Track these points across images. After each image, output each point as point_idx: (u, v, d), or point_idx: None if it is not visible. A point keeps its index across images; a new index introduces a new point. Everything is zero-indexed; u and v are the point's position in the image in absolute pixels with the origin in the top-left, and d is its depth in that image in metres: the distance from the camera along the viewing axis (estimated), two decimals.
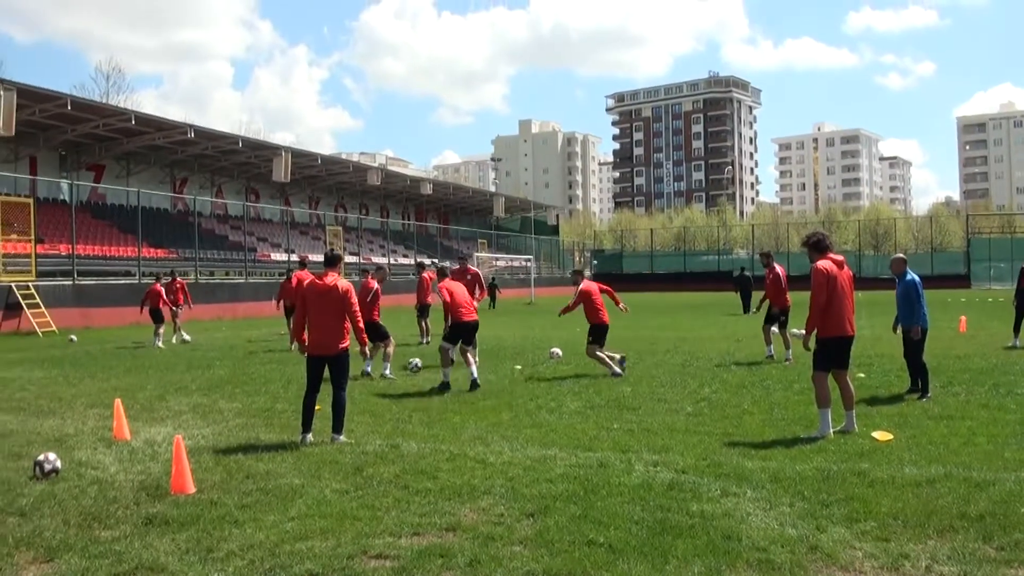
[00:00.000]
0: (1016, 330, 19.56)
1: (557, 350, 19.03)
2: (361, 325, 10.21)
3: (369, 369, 15.72)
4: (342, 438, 9.78)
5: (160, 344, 23.29)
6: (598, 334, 15.84)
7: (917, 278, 13.12)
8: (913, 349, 12.92)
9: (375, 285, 16.53)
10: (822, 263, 10.03)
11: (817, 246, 10.20)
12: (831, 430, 9.61)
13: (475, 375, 14.25)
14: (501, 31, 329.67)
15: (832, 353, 10.04)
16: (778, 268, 18.51)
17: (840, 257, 10.18)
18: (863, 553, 5.82)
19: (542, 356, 18.94)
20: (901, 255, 13.66)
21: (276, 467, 8.53)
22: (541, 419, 11.20)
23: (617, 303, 17.05)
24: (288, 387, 14.47)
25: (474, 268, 20.25)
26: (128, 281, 36.89)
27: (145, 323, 25.72)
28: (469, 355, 14.71)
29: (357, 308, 10.12)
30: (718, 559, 5.68)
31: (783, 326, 17.67)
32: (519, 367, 17.17)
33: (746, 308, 35.62)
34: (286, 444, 9.66)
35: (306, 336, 10.09)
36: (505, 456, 8.90)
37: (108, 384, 15.34)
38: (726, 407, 11.87)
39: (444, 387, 14.02)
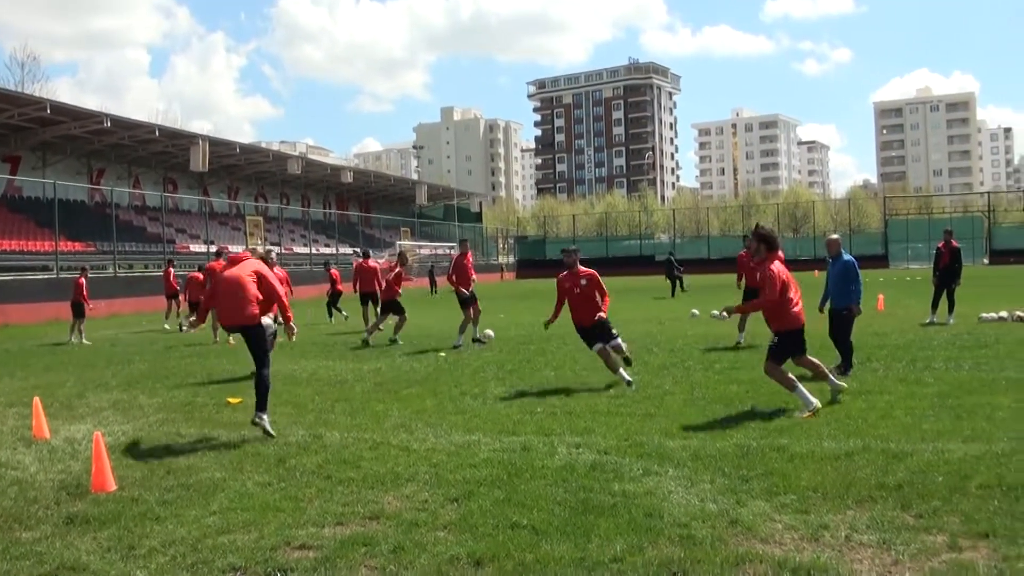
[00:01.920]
0: (934, 307, 20.05)
1: (489, 332, 19.23)
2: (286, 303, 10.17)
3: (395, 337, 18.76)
4: (265, 417, 9.58)
5: (84, 340, 22.88)
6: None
7: (853, 258, 13.38)
8: (843, 327, 13.17)
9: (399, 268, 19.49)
10: (776, 266, 10.35)
11: (770, 243, 10.51)
12: (814, 400, 9.77)
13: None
14: (420, 17, 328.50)
15: (789, 345, 10.35)
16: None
17: (780, 253, 10.51)
18: (783, 525, 5.93)
19: (466, 343, 18.91)
20: (836, 236, 13.82)
21: (197, 461, 8.42)
22: (465, 405, 11.20)
23: None
24: (209, 381, 14.29)
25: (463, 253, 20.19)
26: (45, 276, 36.10)
27: (66, 318, 25.20)
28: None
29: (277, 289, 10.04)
30: (640, 536, 5.74)
31: None
32: (443, 354, 17.15)
33: (673, 291, 36.49)
34: (207, 438, 9.54)
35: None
36: (429, 443, 8.90)
37: (26, 382, 15.00)
38: (648, 388, 11.98)
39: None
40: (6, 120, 42.65)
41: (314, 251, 60.69)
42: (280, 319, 12.71)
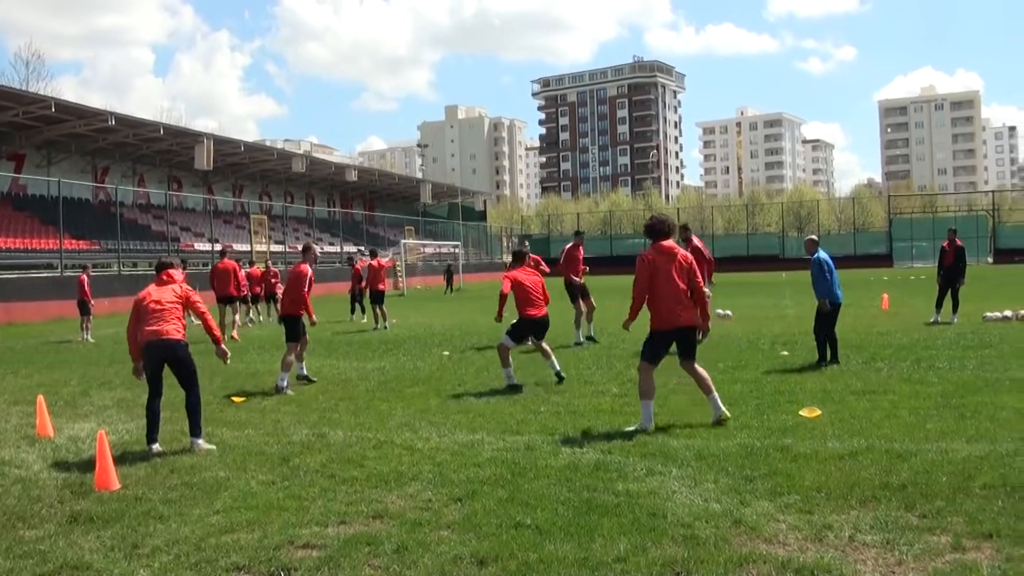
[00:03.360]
0: (938, 306, 20.03)
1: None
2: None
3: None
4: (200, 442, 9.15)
5: (88, 337, 22.90)
6: None
7: (824, 255, 13.74)
8: (824, 321, 13.37)
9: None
10: (646, 252, 9.63)
11: (649, 231, 9.75)
12: (652, 423, 9.21)
13: (557, 367, 13.01)
14: (424, 16, 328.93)
15: (658, 345, 9.61)
16: (696, 241, 17.12)
17: (671, 244, 9.61)
18: (787, 525, 5.93)
19: (470, 342, 18.93)
20: (812, 236, 14.20)
21: (201, 460, 8.43)
22: (469, 404, 11.21)
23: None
24: (213, 379, 14.28)
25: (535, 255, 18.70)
26: (50, 274, 36.12)
27: (70, 316, 25.22)
28: (545, 347, 13.26)
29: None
30: (644, 536, 5.74)
31: None
32: (447, 353, 17.16)
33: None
34: (211, 436, 9.54)
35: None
36: (432, 442, 8.90)
37: (31, 380, 15.03)
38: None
39: (514, 388, 12.33)
40: (11, 118, 42.69)
41: (319, 250, 60.60)
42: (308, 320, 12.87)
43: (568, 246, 18.72)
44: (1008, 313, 20.12)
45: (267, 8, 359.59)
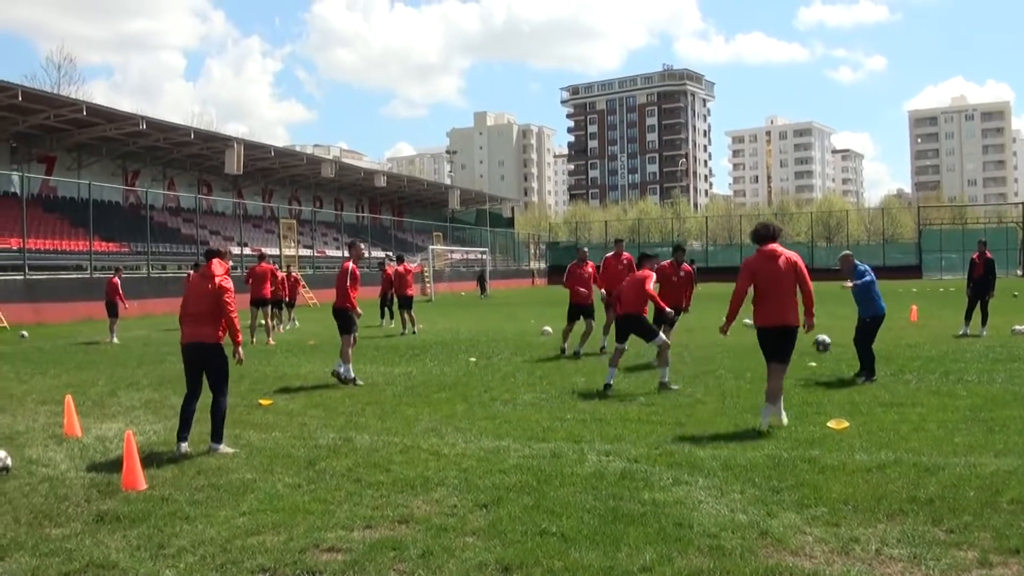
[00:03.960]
0: (967, 319, 19.88)
1: (548, 328, 19.30)
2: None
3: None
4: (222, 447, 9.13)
5: (115, 340, 23.08)
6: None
7: (867, 268, 13.79)
8: (865, 334, 13.33)
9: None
10: (750, 257, 10.18)
11: (755, 236, 10.08)
12: (767, 424, 9.49)
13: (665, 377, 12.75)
14: (454, 23, 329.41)
15: (763, 343, 10.03)
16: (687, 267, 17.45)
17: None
18: (813, 538, 5.89)
19: (496, 348, 18.94)
20: (846, 252, 14.23)
21: (227, 462, 8.47)
22: (495, 410, 11.21)
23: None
24: (241, 381, 14.34)
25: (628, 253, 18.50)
26: (80, 276, 36.42)
27: (99, 317, 25.43)
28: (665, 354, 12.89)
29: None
30: (669, 546, 5.72)
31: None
32: (473, 359, 17.17)
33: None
34: (238, 438, 9.60)
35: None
36: (459, 448, 8.91)
37: (59, 380, 15.15)
38: (679, 396, 11.95)
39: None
40: (42, 121, 43.04)
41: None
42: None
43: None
44: None
45: (297, 14, 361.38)
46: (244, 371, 15.62)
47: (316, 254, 54.70)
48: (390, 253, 39.81)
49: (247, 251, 47.02)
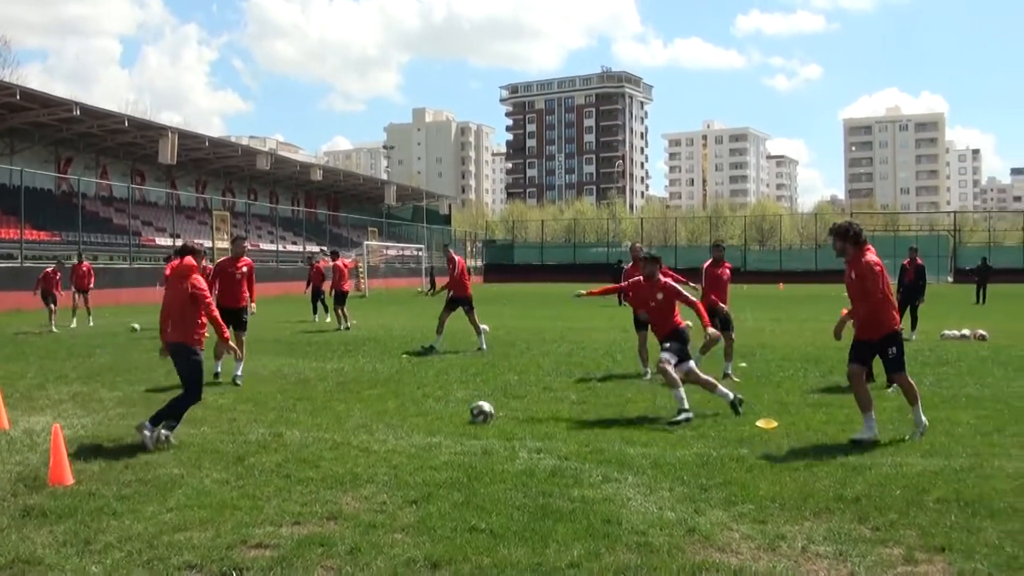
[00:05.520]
0: None
1: (485, 326, 19.15)
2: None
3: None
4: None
5: (53, 328, 23.00)
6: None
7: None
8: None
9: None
10: (876, 257, 9.30)
11: (857, 237, 9.36)
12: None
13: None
14: (393, 18, 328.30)
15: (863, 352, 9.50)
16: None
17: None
18: (740, 535, 5.96)
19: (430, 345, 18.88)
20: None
21: (156, 457, 8.35)
22: (427, 407, 11.18)
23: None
24: (170, 376, 14.13)
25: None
26: (9, 264, 35.72)
27: (29, 308, 25.18)
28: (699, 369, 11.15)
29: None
30: (597, 542, 5.75)
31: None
32: (406, 356, 17.12)
33: (620, 300, 36.82)
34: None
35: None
36: (389, 444, 8.87)
37: None
38: (610, 396, 12.00)
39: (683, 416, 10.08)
40: None
41: (281, 248, 60.33)
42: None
43: (707, 263, 14.83)
44: (966, 332, 20.38)
45: (235, 3, 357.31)
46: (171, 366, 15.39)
47: (250, 247, 54.05)
48: (324, 248, 39.63)
49: (179, 242, 46.33)
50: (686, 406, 10.07)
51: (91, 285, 26.05)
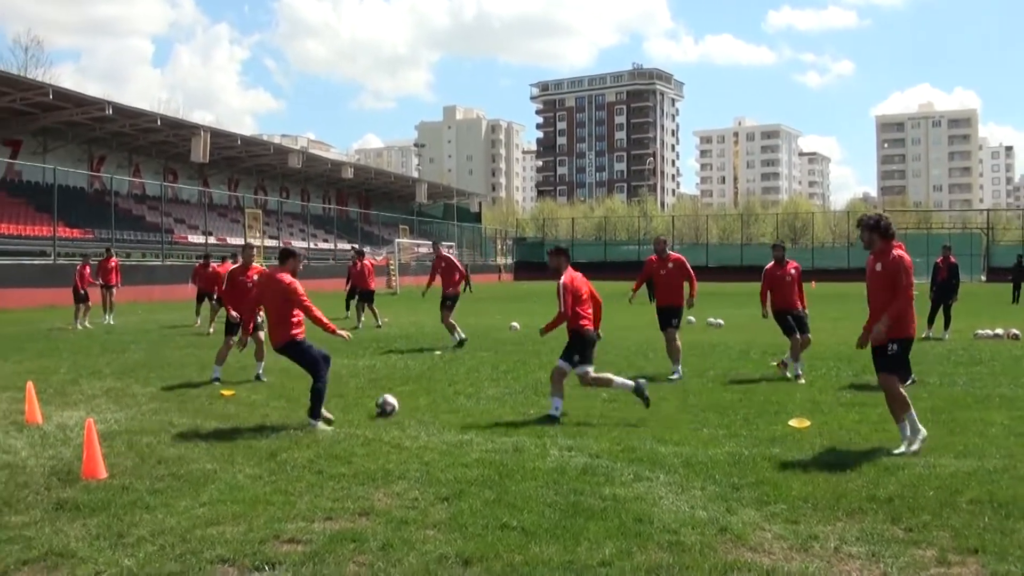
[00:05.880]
0: (930, 322, 20.07)
1: (515, 324, 19.26)
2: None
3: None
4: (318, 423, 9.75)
5: (79, 325, 23.10)
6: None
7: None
8: None
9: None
10: (905, 254, 9.20)
11: (886, 231, 9.36)
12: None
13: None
14: (424, 17, 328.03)
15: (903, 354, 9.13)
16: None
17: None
18: (772, 535, 5.93)
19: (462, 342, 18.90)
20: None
21: (189, 452, 8.41)
22: (459, 404, 11.21)
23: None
24: (202, 372, 14.26)
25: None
26: (43, 261, 36.10)
27: (63, 304, 25.44)
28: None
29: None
30: (629, 541, 5.74)
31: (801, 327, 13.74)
32: (439, 353, 17.15)
33: (651, 296, 36.71)
34: (199, 429, 9.54)
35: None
36: (421, 441, 8.89)
37: (21, 367, 15.00)
38: None
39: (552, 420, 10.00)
40: (8, 104, 42.63)
41: (312, 246, 60.62)
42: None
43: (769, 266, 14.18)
44: (999, 331, 20.17)
45: (267, 3, 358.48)
46: (207, 360, 15.50)
47: (282, 244, 54.26)
48: (355, 245, 39.64)
49: (212, 240, 46.68)
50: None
51: (117, 282, 26.15)
